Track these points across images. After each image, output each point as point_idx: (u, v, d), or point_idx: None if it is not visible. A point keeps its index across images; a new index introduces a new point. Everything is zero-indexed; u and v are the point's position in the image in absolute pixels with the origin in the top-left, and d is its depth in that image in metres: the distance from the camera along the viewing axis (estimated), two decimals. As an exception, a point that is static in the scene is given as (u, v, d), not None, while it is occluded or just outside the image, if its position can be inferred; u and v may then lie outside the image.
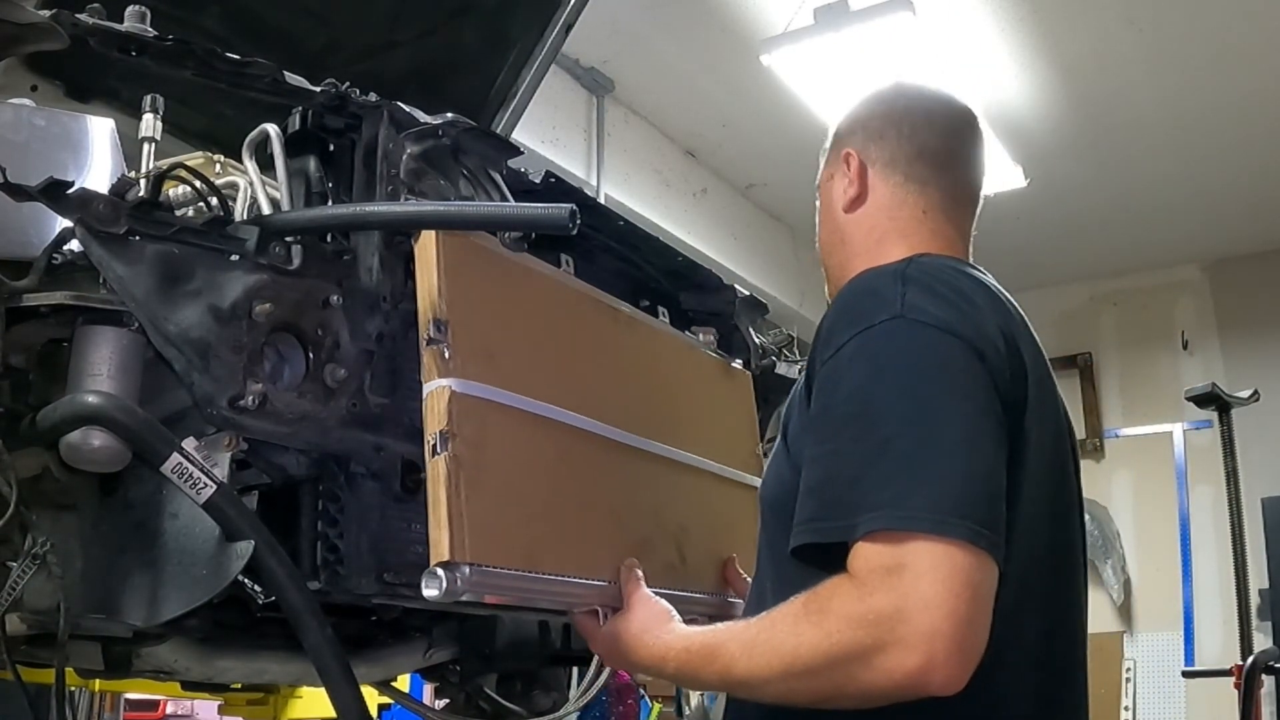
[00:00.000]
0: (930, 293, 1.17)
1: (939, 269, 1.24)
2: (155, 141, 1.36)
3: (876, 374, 1.12)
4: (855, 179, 1.40)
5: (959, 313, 1.16)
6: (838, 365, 1.15)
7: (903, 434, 1.08)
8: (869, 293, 1.19)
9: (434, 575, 1.13)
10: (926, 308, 1.14)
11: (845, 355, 1.14)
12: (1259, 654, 3.89)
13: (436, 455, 1.16)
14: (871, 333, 1.14)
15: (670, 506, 1.54)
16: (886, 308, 1.15)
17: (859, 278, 1.25)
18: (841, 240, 1.42)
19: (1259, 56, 5.04)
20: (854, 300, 1.20)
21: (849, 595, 1.05)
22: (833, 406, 1.14)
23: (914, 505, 1.04)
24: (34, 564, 1.13)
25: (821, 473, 1.13)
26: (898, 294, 1.16)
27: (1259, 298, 6.96)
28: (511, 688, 2.00)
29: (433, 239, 1.22)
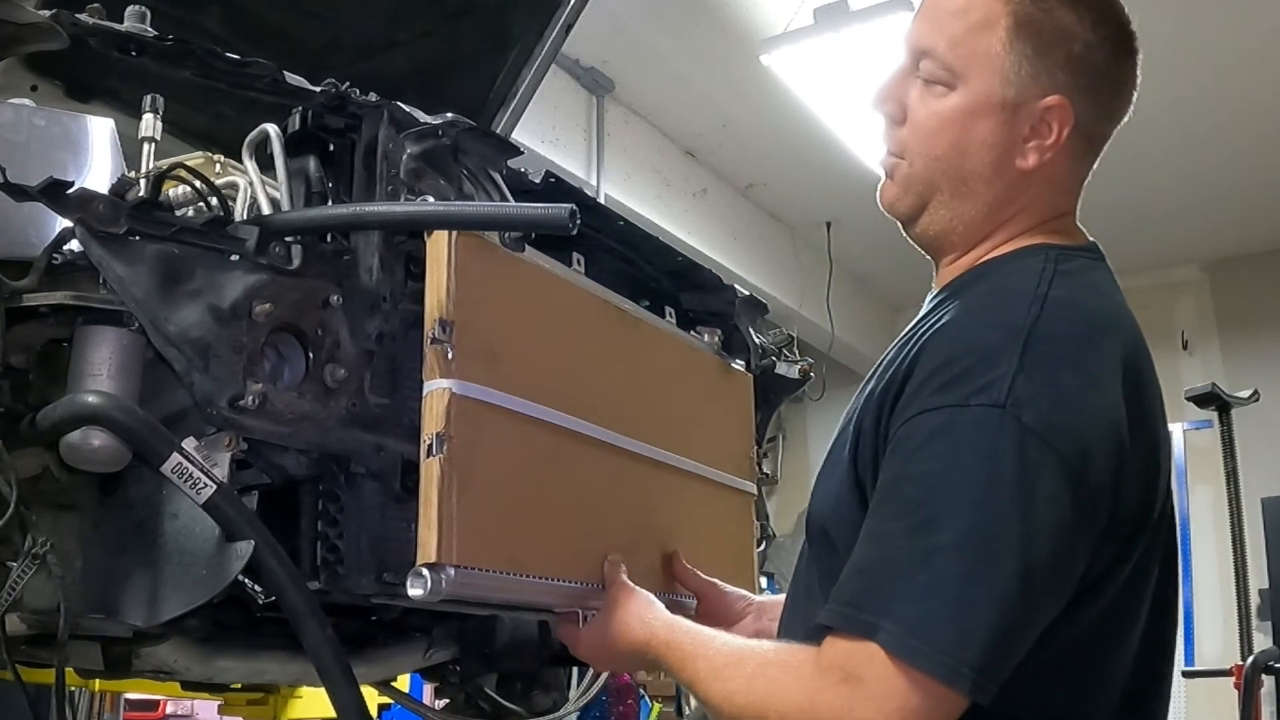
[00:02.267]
0: (1050, 382, 1.02)
1: (1075, 333, 1.07)
2: (155, 141, 1.36)
3: (952, 470, 1.00)
4: (1056, 144, 1.16)
5: (1078, 415, 1.02)
6: (921, 432, 1.03)
7: (956, 554, 0.98)
8: (982, 356, 1.03)
9: (419, 575, 1.14)
10: (1038, 404, 1.01)
11: (931, 425, 1.03)
12: (1259, 654, 3.89)
13: (431, 456, 1.17)
14: (965, 416, 1.01)
15: (658, 510, 1.54)
16: (991, 388, 1.01)
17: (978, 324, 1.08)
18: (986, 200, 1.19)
19: (1259, 57, 5.04)
20: (964, 348, 1.05)
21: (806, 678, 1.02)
22: (902, 481, 1.04)
23: (935, 640, 0.96)
24: (34, 564, 1.13)
25: (869, 556, 1.04)
26: (1010, 369, 1.01)
27: (1259, 298, 6.96)
28: (511, 688, 2.00)
29: (445, 238, 1.22)
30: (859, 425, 1.14)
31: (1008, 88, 1.15)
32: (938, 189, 1.21)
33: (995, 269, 1.19)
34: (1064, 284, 1.11)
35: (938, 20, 1.20)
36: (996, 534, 0.98)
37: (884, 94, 1.24)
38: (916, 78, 1.21)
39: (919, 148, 1.21)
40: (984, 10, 1.16)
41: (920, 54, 1.20)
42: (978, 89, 1.17)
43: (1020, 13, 1.15)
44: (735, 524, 1.78)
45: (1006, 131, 1.16)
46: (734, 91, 5.44)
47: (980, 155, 1.18)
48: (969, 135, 1.18)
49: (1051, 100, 1.15)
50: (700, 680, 1.15)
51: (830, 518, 1.18)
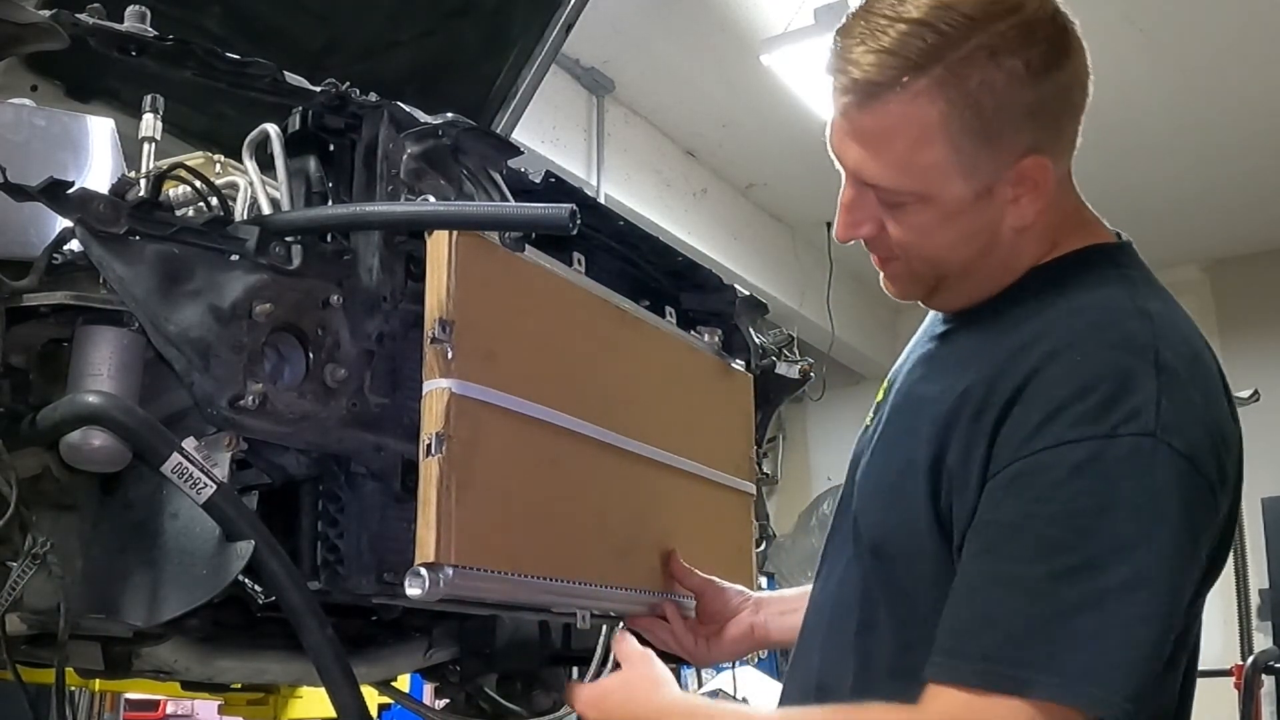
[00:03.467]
0: (1186, 402, 0.98)
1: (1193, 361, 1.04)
2: (155, 141, 1.36)
3: (1107, 508, 0.94)
4: (1042, 195, 1.08)
5: (1209, 435, 1.00)
6: (1055, 466, 0.96)
7: (1127, 597, 0.93)
8: (1121, 381, 0.97)
9: (417, 575, 1.14)
10: (1183, 427, 0.97)
11: (1071, 460, 0.95)
12: (1259, 654, 3.89)
13: (430, 456, 1.17)
14: (1114, 447, 0.95)
15: (657, 511, 1.55)
16: (1138, 416, 0.95)
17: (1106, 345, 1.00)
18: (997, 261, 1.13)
19: (1259, 57, 5.04)
20: (1101, 376, 0.98)
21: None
22: (1034, 520, 0.96)
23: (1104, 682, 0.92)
24: (34, 564, 1.13)
25: (1002, 605, 0.96)
26: (1153, 396, 0.96)
27: (1259, 298, 6.97)
28: (511, 688, 2.00)
29: (445, 238, 1.22)
30: (937, 452, 1.05)
31: (973, 181, 1.06)
32: (942, 275, 1.15)
33: (1057, 278, 1.10)
34: (1150, 295, 1.07)
35: (873, 148, 1.09)
36: (1167, 571, 0.95)
37: (847, 225, 1.16)
38: (871, 196, 1.12)
39: (908, 252, 1.14)
40: (912, 125, 1.05)
41: (865, 182, 1.12)
42: (945, 198, 1.07)
43: (952, 107, 1.03)
44: (734, 524, 1.78)
45: (991, 213, 1.09)
46: (734, 91, 5.45)
47: (975, 241, 1.11)
48: (957, 231, 1.10)
49: (1025, 165, 1.06)
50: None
51: (897, 544, 1.10)
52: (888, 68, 1.04)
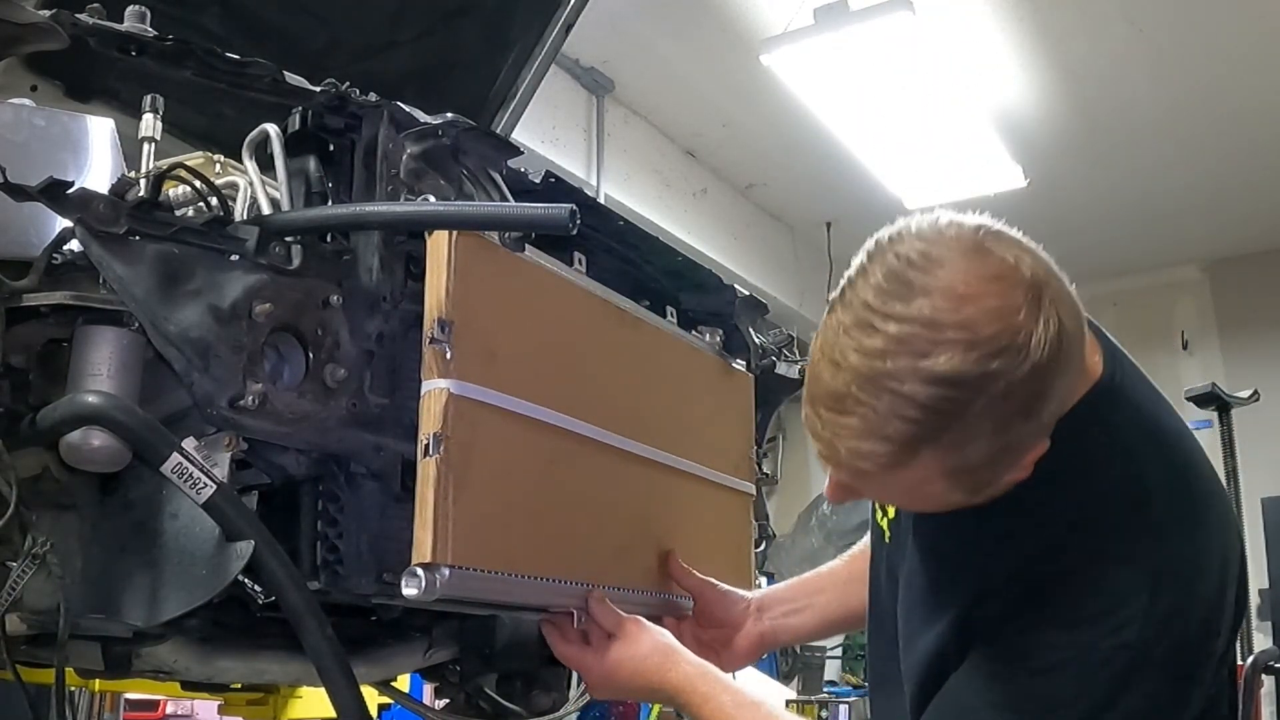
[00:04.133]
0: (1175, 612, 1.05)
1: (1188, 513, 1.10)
2: (155, 141, 1.35)
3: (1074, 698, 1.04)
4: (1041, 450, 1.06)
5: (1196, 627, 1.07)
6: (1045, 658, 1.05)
7: None
8: (1115, 599, 1.04)
9: (414, 575, 1.15)
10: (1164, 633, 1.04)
11: (1055, 657, 1.04)
12: (1259, 654, 3.89)
13: (428, 456, 1.17)
14: (1093, 655, 1.03)
15: (655, 511, 1.55)
16: (1123, 630, 1.03)
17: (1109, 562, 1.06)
18: None
19: (1259, 57, 5.04)
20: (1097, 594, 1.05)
21: None
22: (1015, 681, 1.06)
23: None
24: (34, 564, 1.13)
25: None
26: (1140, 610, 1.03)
27: (1259, 298, 6.96)
28: (511, 688, 2.00)
29: (445, 238, 1.22)
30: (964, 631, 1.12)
31: (976, 496, 1.06)
32: None
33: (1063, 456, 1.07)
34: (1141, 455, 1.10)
35: (870, 493, 1.13)
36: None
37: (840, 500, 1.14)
38: None
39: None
40: (916, 479, 1.03)
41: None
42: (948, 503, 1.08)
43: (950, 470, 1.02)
44: (733, 524, 1.78)
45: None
46: (734, 91, 5.45)
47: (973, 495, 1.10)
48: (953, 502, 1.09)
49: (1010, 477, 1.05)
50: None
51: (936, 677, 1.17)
52: (880, 458, 1.01)
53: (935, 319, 0.97)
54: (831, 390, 1.02)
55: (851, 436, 1.01)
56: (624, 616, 1.33)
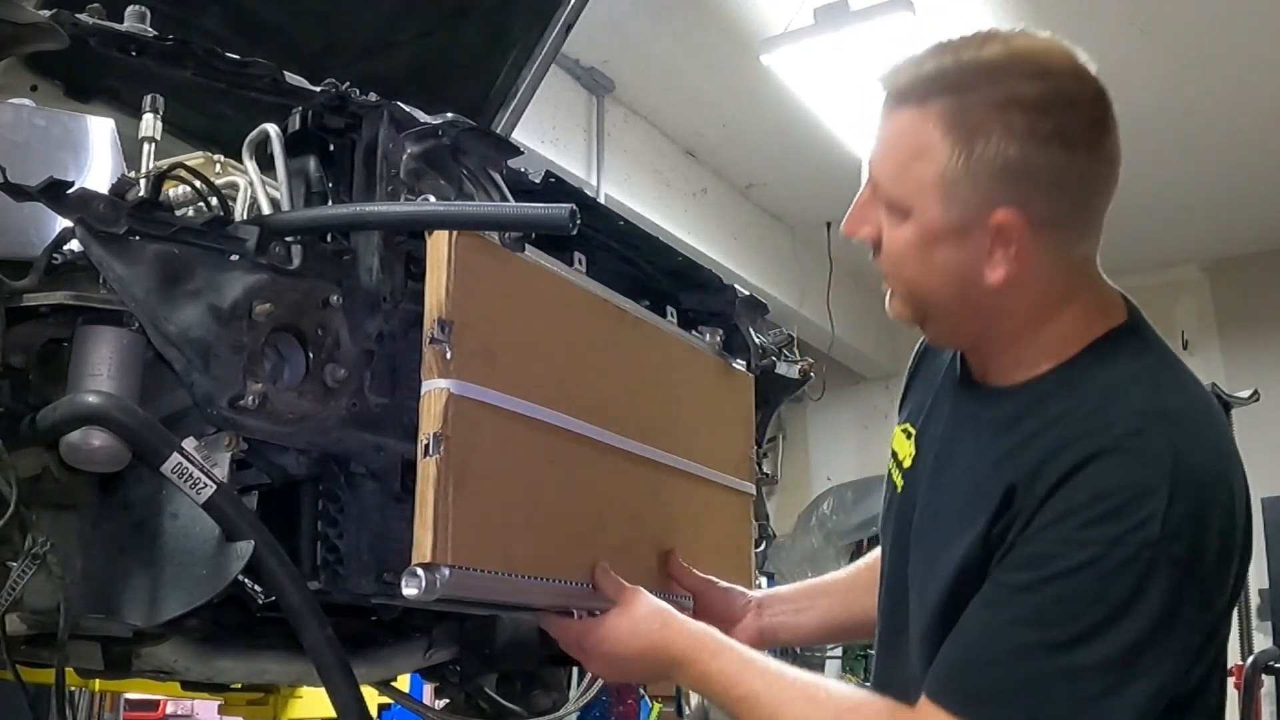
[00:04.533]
0: (1194, 513, 1.08)
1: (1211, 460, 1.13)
2: (155, 141, 1.36)
3: (1096, 600, 1.07)
4: (1019, 253, 1.13)
5: (1213, 533, 1.10)
6: (1069, 558, 1.08)
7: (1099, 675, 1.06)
8: (1134, 495, 1.08)
9: (414, 575, 1.14)
10: (1185, 537, 1.07)
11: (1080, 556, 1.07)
12: (1259, 654, 3.89)
13: (428, 456, 1.17)
14: (1116, 553, 1.06)
15: (655, 511, 1.54)
16: (1144, 527, 1.06)
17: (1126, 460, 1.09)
18: (977, 311, 1.20)
19: (1259, 56, 5.04)
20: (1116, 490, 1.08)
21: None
22: (1037, 591, 1.09)
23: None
24: (34, 564, 1.13)
25: (997, 650, 1.10)
26: (1161, 506, 1.07)
27: (1259, 298, 6.96)
28: (511, 688, 2.00)
29: (445, 238, 1.22)
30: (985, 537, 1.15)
31: (950, 213, 1.14)
32: (929, 305, 1.22)
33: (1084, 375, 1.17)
34: (1168, 388, 1.16)
35: (884, 147, 1.20)
36: (1139, 657, 1.06)
37: (853, 220, 1.24)
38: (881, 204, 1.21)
39: (894, 271, 1.22)
40: (916, 138, 1.15)
41: (874, 183, 1.21)
42: (924, 218, 1.16)
43: (950, 135, 1.12)
44: (733, 525, 1.78)
45: (964, 252, 1.15)
46: (734, 91, 5.44)
47: (946, 279, 1.18)
48: (930, 261, 1.17)
49: (999, 216, 1.12)
50: (760, 704, 1.19)
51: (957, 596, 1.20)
52: (915, 86, 1.16)
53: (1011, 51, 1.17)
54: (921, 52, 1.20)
55: (908, 68, 1.18)
56: (626, 585, 1.34)
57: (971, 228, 1.14)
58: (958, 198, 1.13)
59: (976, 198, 1.12)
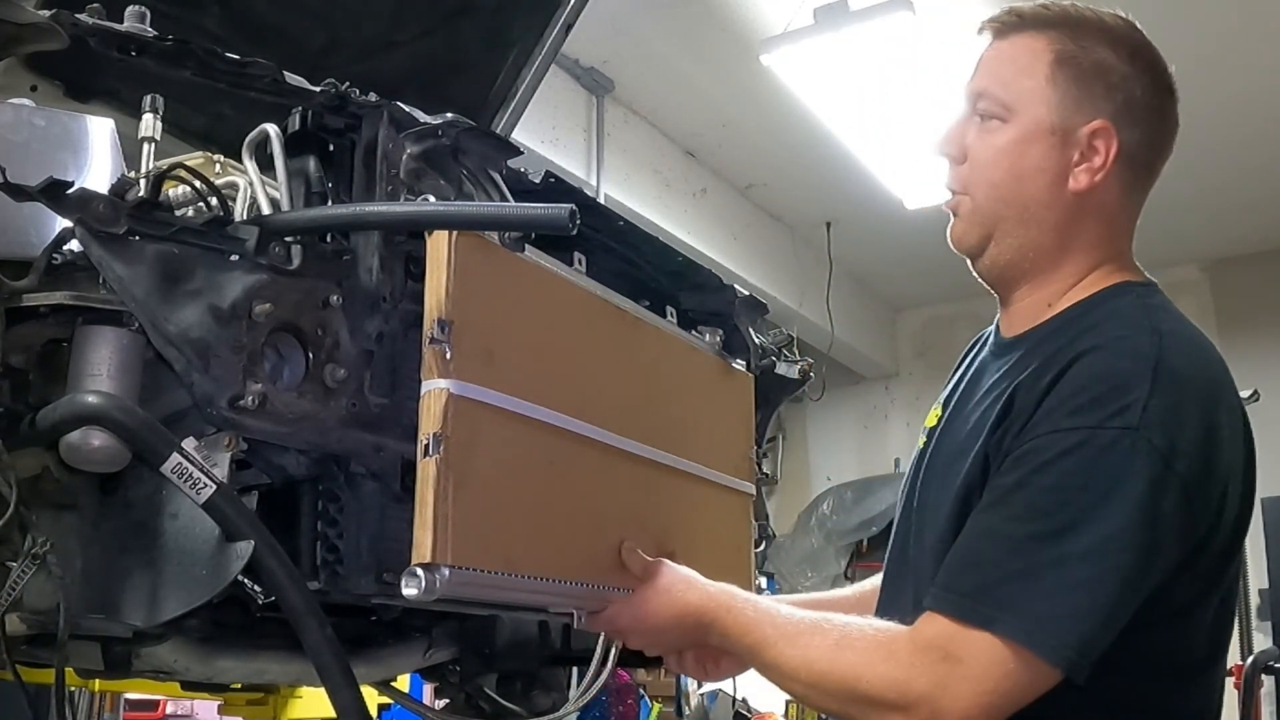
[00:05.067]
0: (1176, 405, 1.15)
1: (1194, 370, 1.20)
2: (155, 141, 1.36)
3: (1083, 488, 1.13)
4: (1104, 166, 1.29)
5: (1195, 436, 1.15)
6: (1053, 448, 1.15)
7: (1086, 561, 1.12)
8: (1117, 384, 1.16)
9: (414, 575, 1.15)
10: (1167, 427, 1.13)
11: (1066, 443, 1.14)
12: (1259, 654, 3.89)
13: (428, 456, 1.17)
14: (1099, 437, 1.13)
15: (656, 511, 1.54)
16: (1125, 413, 1.13)
17: (1112, 354, 1.19)
18: (1045, 223, 1.31)
19: (1259, 56, 5.04)
20: (1101, 379, 1.17)
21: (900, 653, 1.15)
22: (1027, 489, 1.16)
23: (1057, 634, 1.11)
24: (34, 564, 1.13)
25: (987, 552, 1.17)
26: (1142, 397, 1.14)
27: (1259, 298, 6.96)
28: (511, 688, 2.00)
29: (445, 238, 1.22)
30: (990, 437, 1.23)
31: (1054, 115, 1.28)
32: (1001, 217, 1.32)
33: (1093, 307, 1.29)
34: (1164, 318, 1.24)
35: (991, 66, 1.34)
36: (1123, 545, 1.12)
37: (945, 138, 1.37)
38: (974, 119, 1.35)
39: (979, 178, 1.33)
40: (1029, 53, 1.31)
41: (976, 96, 1.34)
42: (1027, 119, 1.29)
43: (1061, 51, 1.29)
44: (733, 525, 1.78)
45: (1057, 155, 1.28)
46: (734, 91, 5.44)
47: (1035, 179, 1.29)
48: (1024, 161, 1.29)
49: (1096, 124, 1.27)
50: (768, 644, 1.24)
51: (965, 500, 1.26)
52: (1025, 18, 1.33)
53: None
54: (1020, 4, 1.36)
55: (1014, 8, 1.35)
56: (650, 560, 1.38)
57: (1068, 134, 1.28)
58: (1061, 104, 1.28)
59: (1079, 105, 1.28)
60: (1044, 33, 1.31)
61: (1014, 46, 1.33)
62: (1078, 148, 1.28)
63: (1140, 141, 1.31)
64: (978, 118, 1.34)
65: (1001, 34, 1.35)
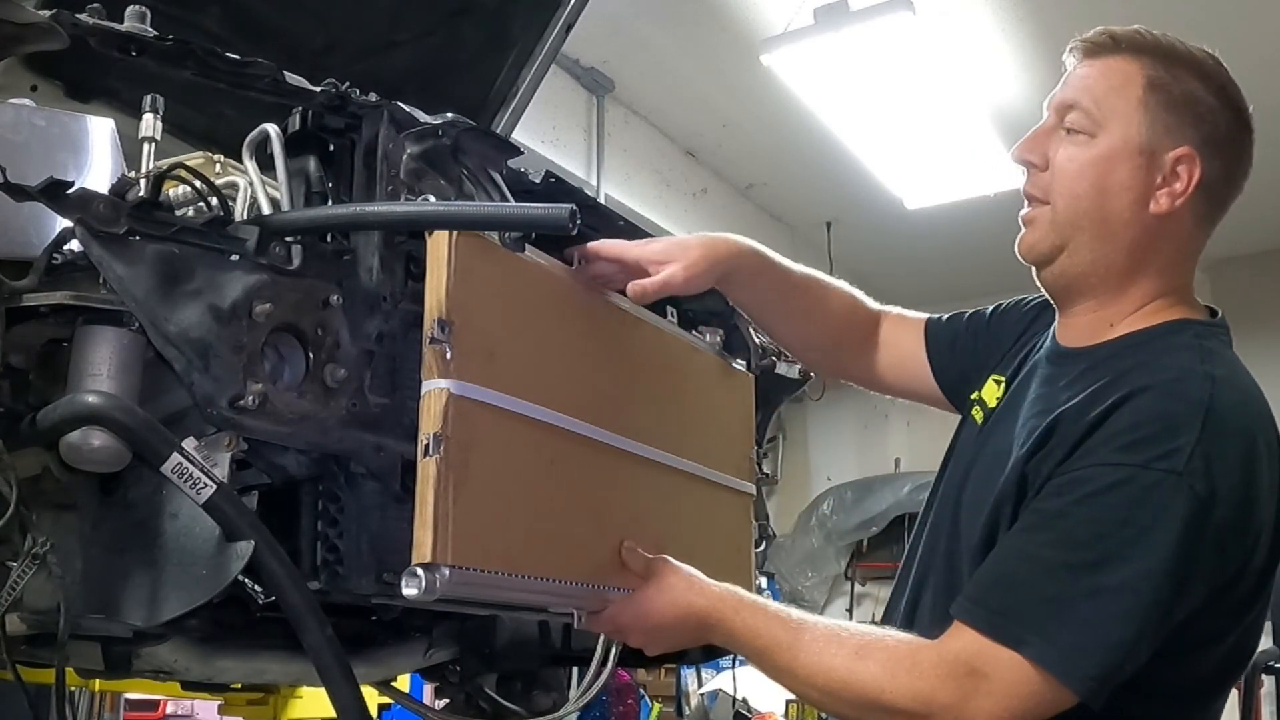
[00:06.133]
0: (1221, 453, 1.17)
1: (1242, 420, 1.22)
2: (155, 141, 1.35)
3: (1123, 523, 1.15)
4: (1184, 193, 1.31)
5: (1237, 484, 1.17)
6: (1099, 480, 1.17)
7: (1118, 596, 1.13)
8: (1167, 425, 1.17)
9: (414, 575, 1.15)
10: (1210, 474, 1.15)
11: (1111, 478, 1.16)
12: (1259, 654, 3.88)
13: (428, 456, 1.17)
14: (1144, 476, 1.15)
15: (656, 512, 1.54)
16: (1172, 456, 1.15)
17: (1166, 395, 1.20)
18: (1120, 243, 1.33)
19: (1259, 56, 5.04)
20: (1152, 420, 1.18)
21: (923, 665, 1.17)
22: (1068, 518, 1.18)
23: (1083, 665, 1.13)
24: (34, 564, 1.13)
25: (1022, 574, 1.19)
26: (1190, 442, 1.15)
27: (1259, 298, 6.96)
28: (511, 688, 2.00)
29: (446, 238, 1.22)
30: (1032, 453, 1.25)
31: (1142, 137, 1.30)
32: (1079, 228, 1.33)
33: (1149, 340, 1.31)
34: (1218, 363, 1.25)
35: (1084, 83, 1.35)
36: (1155, 584, 1.14)
37: (1028, 145, 1.38)
38: (1060, 131, 1.35)
39: (1062, 188, 1.34)
40: (1123, 74, 1.33)
41: (1066, 108, 1.35)
42: (1116, 136, 1.31)
43: (1154, 76, 1.32)
44: (734, 525, 1.78)
45: (1142, 176, 1.30)
46: (734, 91, 5.44)
47: (1119, 196, 1.30)
48: (1109, 178, 1.31)
49: (1181, 151, 1.30)
50: (780, 649, 1.24)
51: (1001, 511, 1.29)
52: (1120, 41, 1.36)
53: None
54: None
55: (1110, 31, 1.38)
56: (651, 558, 1.38)
57: (1154, 156, 1.30)
58: (1151, 127, 1.30)
59: (1168, 131, 1.30)
60: (1138, 58, 1.33)
61: (1107, 66, 1.35)
62: (1161, 171, 1.30)
63: (1219, 175, 1.33)
64: (1064, 130, 1.35)
65: (1094, 54, 1.37)
